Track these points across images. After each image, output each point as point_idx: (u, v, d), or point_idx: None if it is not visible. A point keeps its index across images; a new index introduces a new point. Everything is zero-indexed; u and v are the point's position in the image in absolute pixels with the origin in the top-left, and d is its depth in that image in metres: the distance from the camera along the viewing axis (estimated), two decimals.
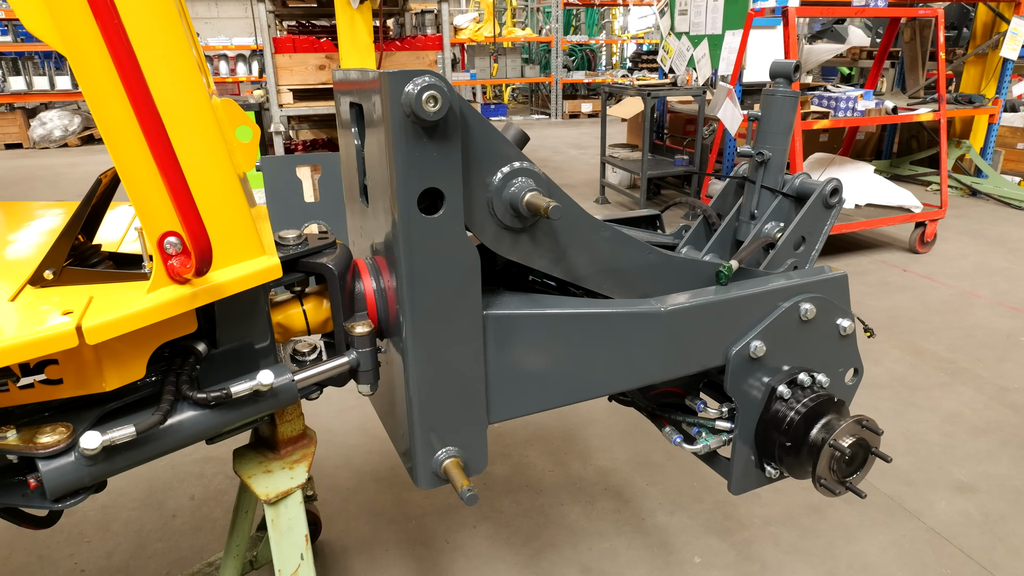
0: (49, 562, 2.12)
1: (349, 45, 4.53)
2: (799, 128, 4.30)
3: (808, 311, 1.44)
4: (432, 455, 1.29)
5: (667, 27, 6.09)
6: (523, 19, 15.13)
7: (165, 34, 0.93)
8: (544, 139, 10.83)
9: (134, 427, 1.00)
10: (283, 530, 1.21)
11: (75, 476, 0.98)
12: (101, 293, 1.01)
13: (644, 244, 1.45)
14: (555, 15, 12.30)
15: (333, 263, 1.29)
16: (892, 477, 2.45)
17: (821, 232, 1.75)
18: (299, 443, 1.34)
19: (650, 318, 1.32)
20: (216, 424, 1.11)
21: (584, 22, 15.30)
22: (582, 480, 2.44)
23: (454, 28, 11.88)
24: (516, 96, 16.18)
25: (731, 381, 1.43)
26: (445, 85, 1.07)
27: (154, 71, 0.91)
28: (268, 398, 1.16)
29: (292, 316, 1.33)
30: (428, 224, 1.13)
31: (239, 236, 1.08)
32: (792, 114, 1.75)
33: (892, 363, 3.35)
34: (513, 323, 1.28)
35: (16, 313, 0.95)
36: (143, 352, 1.05)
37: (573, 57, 14.46)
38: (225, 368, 1.19)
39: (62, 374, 1.00)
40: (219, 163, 1.03)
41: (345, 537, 2.18)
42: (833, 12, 4.73)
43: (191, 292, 1.01)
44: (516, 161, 1.22)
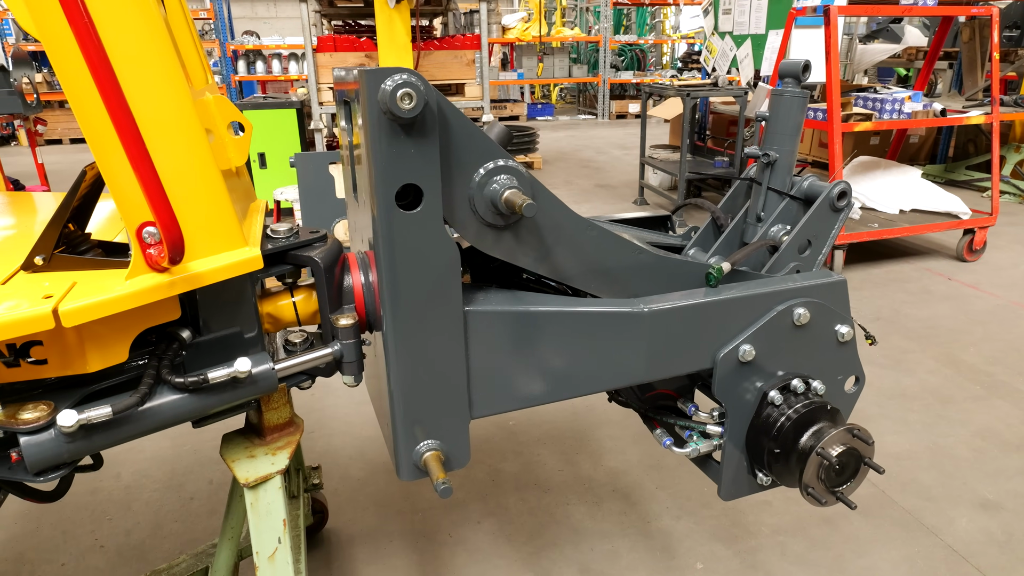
0: (72, 536, 2.23)
1: (387, 44, 4.61)
2: (839, 130, 4.17)
3: (802, 316, 1.41)
4: (413, 447, 1.31)
5: (711, 27, 5.98)
6: (573, 19, 15.08)
7: (139, 31, 0.97)
8: (589, 139, 10.77)
9: (111, 407, 1.04)
10: (262, 514, 1.25)
11: (54, 452, 1.04)
12: (85, 279, 1.06)
13: (633, 244, 1.43)
14: (604, 15, 12.22)
15: (321, 256, 1.32)
16: (912, 491, 2.36)
17: (828, 236, 1.70)
18: (285, 430, 1.37)
19: (632, 318, 1.31)
20: (195, 408, 1.16)
21: (635, 22, 15.15)
22: (591, 480, 2.43)
23: (502, 28, 11.92)
24: (564, 96, 16.14)
25: (719, 384, 1.40)
26: (421, 83, 1.08)
27: (127, 67, 0.96)
28: (247, 385, 1.20)
29: (282, 307, 1.37)
30: (407, 220, 1.15)
31: (219, 227, 1.12)
32: (801, 115, 1.70)
33: (926, 374, 3.22)
34: (494, 320, 1.29)
35: (2, 295, 1.01)
36: (125, 336, 1.10)
37: (623, 57, 14.33)
38: (212, 355, 1.23)
39: (47, 355, 1.06)
40: (198, 157, 1.07)
41: (352, 526, 2.23)
42: (878, 11, 4.56)
43: (169, 280, 1.05)
44: (498, 159, 1.23)
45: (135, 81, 0.98)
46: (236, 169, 1.31)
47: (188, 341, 1.20)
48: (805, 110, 1.71)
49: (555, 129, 12.05)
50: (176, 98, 1.03)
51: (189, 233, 1.08)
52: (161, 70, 1.01)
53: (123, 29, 0.96)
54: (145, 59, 0.99)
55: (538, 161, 8.36)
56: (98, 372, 1.13)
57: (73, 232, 1.20)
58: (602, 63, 12.43)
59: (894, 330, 3.73)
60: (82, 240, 1.22)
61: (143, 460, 2.62)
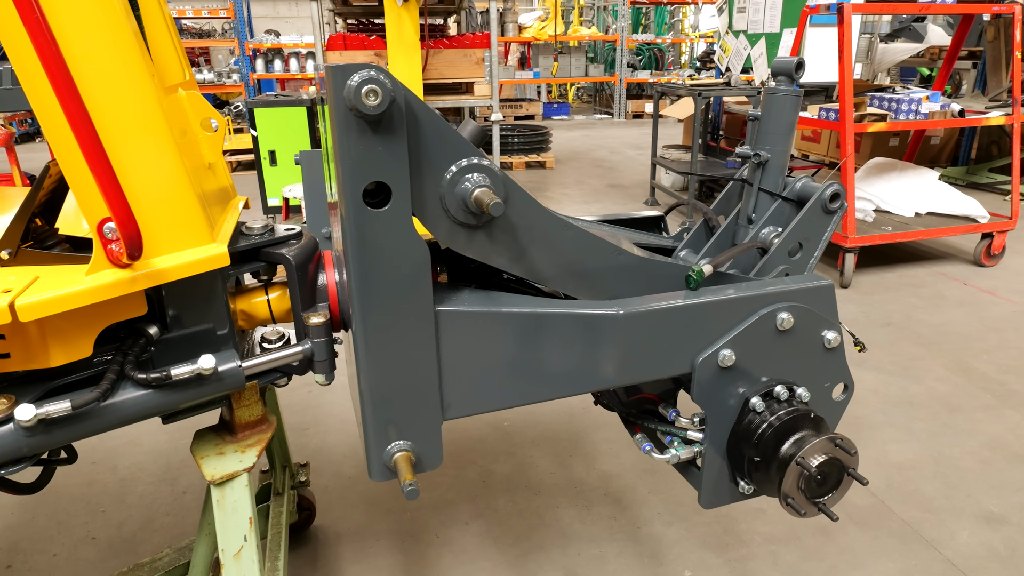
0: (66, 527, 2.25)
1: (396, 43, 4.61)
2: (851, 131, 4.09)
3: (785, 320, 1.37)
4: (384, 447, 1.30)
5: (725, 25, 5.91)
6: (590, 18, 15.01)
7: (96, 26, 0.97)
8: (604, 139, 10.71)
9: (70, 403, 1.04)
10: (228, 511, 1.24)
11: (13, 445, 1.04)
12: (48, 273, 1.06)
13: (612, 246, 1.40)
14: (622, 13, 12.14)
15: (293, 253, 1.32)
16: (913, 502, 2.30)
17: (820, 239, 1.65)
18: (257, 428, 1.37)
19: (605, 321, 1.29)
20: (159, 404, 1.15)
21: (653, 21, 15.04)
22: (583, 484, 2.40)
23: (519, 27, 11.89)
24: (580, 95, 16.07)
25: (697, 390, 1.37)
26: (387, 79, 1.07)
27: (84, 62, 0.95)
28: (213, 382, 1.19)
29: (256, 304, 1.37)
30: (375, 218, 1.13)
31: (184, 224, 1.11)
32: (793, 114, 1.66)
33: (935, 381, 3.14)
34: (466, 320, 1.27)
35: None
36: (89, 332, 1.10)
37: (640, 56, 14.23)
38: (181, 351, 1.23)
39: (9, 348, 1.06)
40: (161, 153, 1.06)
41: (340, 524, 2.23)
42: (894, 9, 4.46)
43: (130, 276, 1.05)
44: (470, 157, 1.21)
45: (93, 77, 0.97)
46: (210, 165, 1.31)
47: (156, 337, 1.19)
48: (798, 109, 1.66)
49: (570, 128, 12.00)
50: (137, 94, 1.02)
51: (151, 229, 1.08)
52: (121, 66, 1.00)
53: (79, 24, 0.96)
54: (103, 55, 0.98)
55: (550, 160, 8.32)
56: (64, 367, 1.13)
57: (40, 227, 1.20)
58: (619, 62, 12.35)
59: (904, 336, 3.64)
60: (49, 235, 1.22)
61: (140, 454, 2.64)
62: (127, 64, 1.01)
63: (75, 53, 0.96)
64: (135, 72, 1.02)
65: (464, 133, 1.25)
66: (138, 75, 1.02)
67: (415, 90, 4.78)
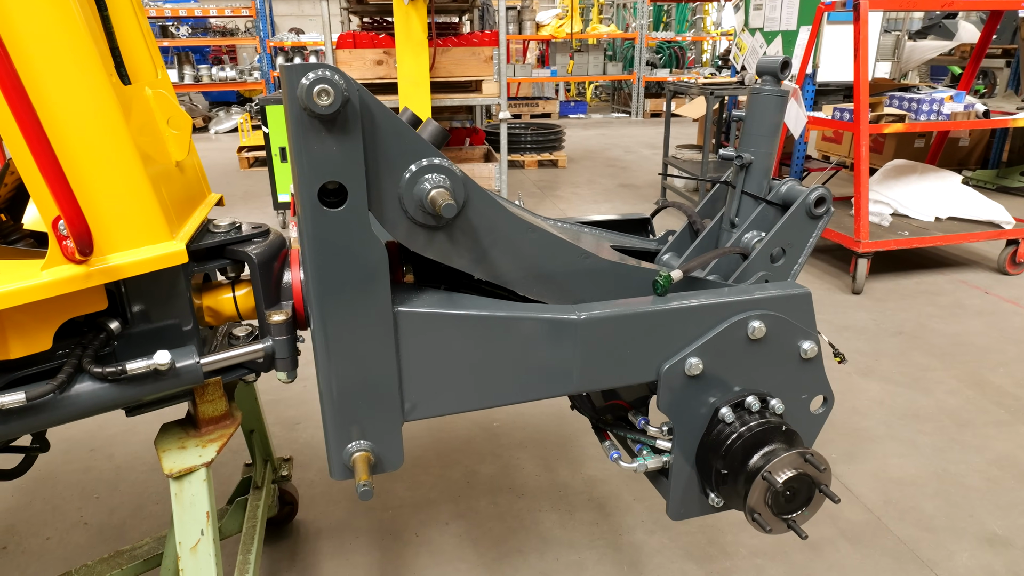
0: (60, 512, 2.29)
1: (404, 41, 4.61)
2: (866, 132, 4.00)
3: (756, 329, 1.33)
4: (343, 447, 1.30)
5: (741, 22, 5.82)
6: (610, 16, 14.90)
7: (46, 26, 0.97)
8: (619, 138, 10.63)
9: (24, 394, 1.05)
10: (185, 505, 1.25)
11: None
12: (7, 268, 1.07)
13: (578, 249, 1.38)
14: (641, 11, 12.03)
15: (256, 251, 1.32)
16: (911, 519, 2.24)
17: (805, 245, 1.62)
18: (220, 423, 1.37)
19: (563, 325, 1.27)
20: (116, 398, 1.16)
21: (675, 18, 14.88)
22: (567, 488, 2.38)
23: (536, 24, 11.85)
24: (599, 94, 15.97)
25: (663, 398, 1.34)
26: (340, 78, 1.05)
27: (36, 65, 0.96)
28: (170, 377, 1.20)
29: (222, 301, 1.37)
30: (330, 218, 1.13)
31: (140, 221, 1.12)
32: (779, 115, 1.62)
33: (945, 394, 3.06)
34: (425, 321, 1.26)
35: None
36: (48, 325, 1.11)
37: (660, 54, 14.10)
38: (144, 346, 1.23)
39: None
40: (116, 152, 1.07)
41: (321, 519, 2.23)
42: (913, 5, 4.35)
43: (85, 272, 1.06)
44: (429, 157, 1.19)
45: (46, 78, 0.98)
46: (178, 163, 1.31)
47: (117, 332, 1.20)
48: (784, 110, 1.63)
49: (586, 127, 11.93)
50: (91, 95, 1.02)
51: (106, 226, 1.08)
52: (74, 68, 1.00)
53: (31, 25, 0.96)
54: (56, 56, 0.98)
55: (563, 159, 8.28)
56: (28, 359, 1.14)
57: (5, 222, 1.21)
58: (637, 60, 12.24)
59: (916, 345, 3.55)
60: (14, 230, 1.23)
61: (137, 443, 2.67)
62: (81, 65, 1.01)
63: (27, 55, 0.96)
64: (89, 73, 1.02)
65: (424, 133, 1.24)
66: (92, 76, 1.03)
67: (422, 88, 4.79)
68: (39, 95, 0.98)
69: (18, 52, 0.95)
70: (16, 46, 0.95)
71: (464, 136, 6.78)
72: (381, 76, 5.08)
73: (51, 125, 1.00)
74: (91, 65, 1.02)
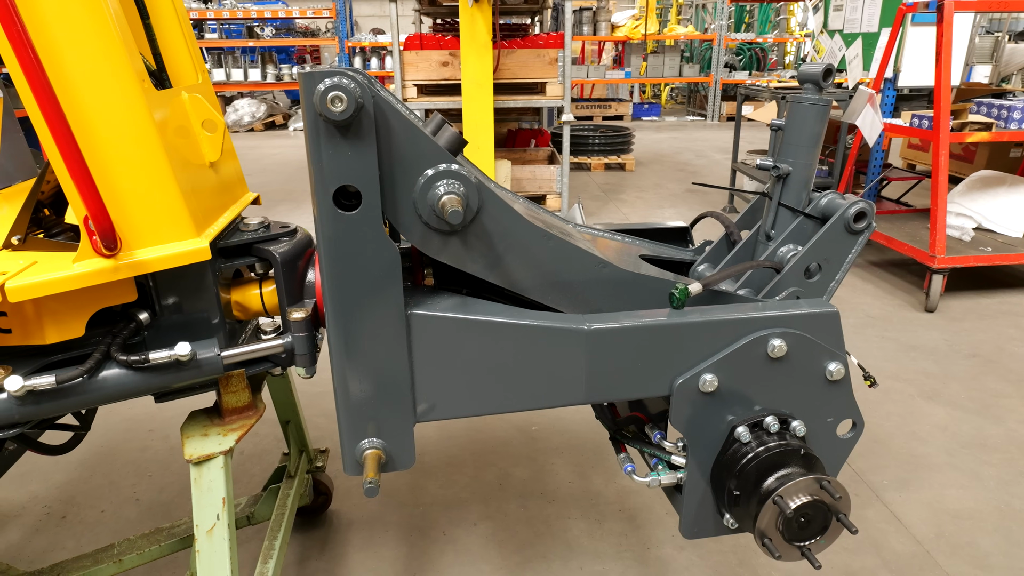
0: (116, 488, 2.45)
1: (469, 42, 4.67)
2: (946, 141, 3.76)
3: (777, 347, 1.28)
4: (356, 444, 1.33)
5: (819, 24, 5.58)
6: (688, 16, 14.57)
7: (82, 39, 1.04)
8: (692, 142, 10.39)
9: (55, 377, 1.14)
10: (203, 490, 1.31)
11: (6, 412, 1.14)
12: (46, 259, 1.16)
13: (596, 258, 1.36)
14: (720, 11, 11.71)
15: (280, 250, 1.37)
16: (964, 555, 2.10)
17: (843, 261, 1.54)
18: (244, 413, 1.43)
19: (571, 335, 1.25)
20: (141, 385, 1.23)
21: (757, 18, 14.41)
22: (599, 497, 2.35)
23: (611, 25, 11.74)
24: (675, 96, 15.66)
25: (675, 413, 1.31)
26: (356, 85, 1.08)
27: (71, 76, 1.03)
28: (191, 368, 1.26)
29: (249, 296, 1.43)
30: (345, 221, 1.16)
31: (166, 219, 1.18)
32: (820, 124, 1.55)
33: (1017, 423, 2.84)
34: (437, 324, 1.27)
35: None
36: (80, 314, 1.19)
37: (741, 56, 13.68)
38: (173, 337, 1.30)
39: (11, 325, 1.17)
40: (146, 156, 1.13)
41: (354, 511, 2.29)
42: (1002, 6, 4.05)
43: (113, 265, 1.13)
44: (443, 163, 1.21)
45: (79, 87, 1.05)
46: (212, 164, 1.38)
47: (146, 323, 1.28)
48: (825, 119, 1.56)
49: (659, 130, 11.72)
50: (122, 101, 1.09)
51: (134, 223, 1.15)
52: (107, 77, 1.07)
53: (66, 39, 1.03)
54: (90, 68, 1.05)
55: (630, 163, 8.17)
56: (63, 345, 1.23)
57: (49, 217, 1.31)
58: (715, 62, 11.93)
59: (991, 370, 3.31)
60: (56, 224, 1.33)
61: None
62: (114, 76, 1.08)
63: (65, 67, 1.04)
64: (121, 83, 1.09)
65: (441, 140, 1.26)
66: (124, 85, 1.09)
67: (485, 90, 4.83)
68: (74, 103, 1.05)
69: (56, 65, 1.03)
70: (54, 60, 1.03)
71: (529, 138, 6.80)
72: (446, 77, 5.16)
73: (84, 131, 1.07)
74: (124, 75, 1.09)
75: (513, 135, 6.82)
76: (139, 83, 1.12)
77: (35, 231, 1.27)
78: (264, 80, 10.58)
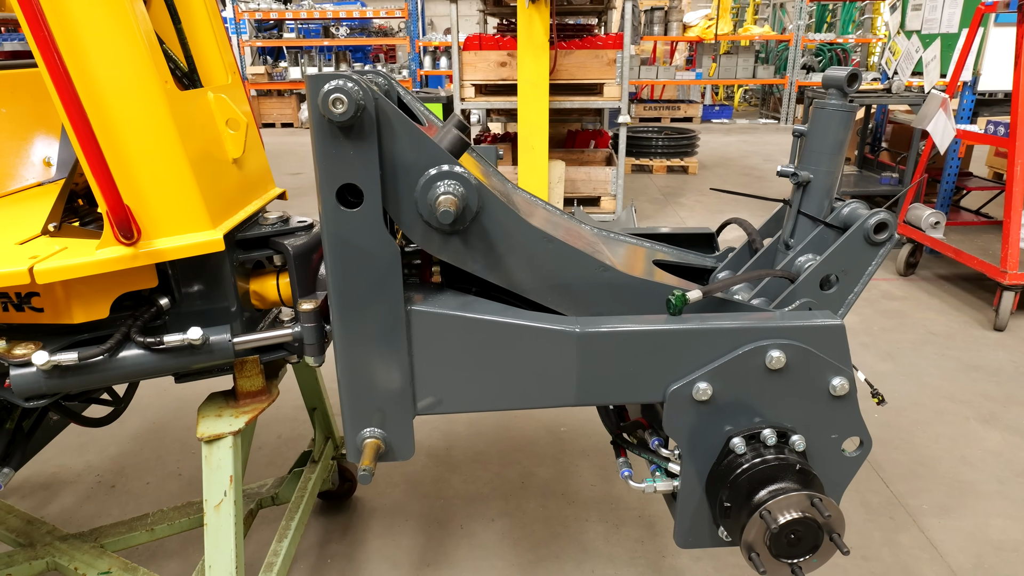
0: (162, 462, 2.61)
1: (526, 43, 4.70)
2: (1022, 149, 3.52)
3: (776, 359, 1.25)
4: (357, 432, 1.38)
5: (896, 24, 5.32)
6: (765, 16, 14.11)
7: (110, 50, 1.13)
8: (762, 146, 10.08)
9: (77, 354, 1.24)
10: (213, 467, 1.39)
11: (35, 384, 1.25)
12: (75, 245, 1.26)
13: (597, 261, 1.37)
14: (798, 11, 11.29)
15: (294, 244, 1.43)
16: None
17: (862, 274, 1.49)
18: (257, 397, 1.51)
19: (561, 337, 1.26)
20: (157, 366, 1.32)
21: (840, 18, 13.81)
22: (619, 502, 2.34)
23: (683, 26, 11.51)
24: (748, 98, 15.20)
25: (668, 421, 1.30)
26: (358, 88, 1.13)
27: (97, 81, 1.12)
28: (204, 352, 1.34)
29: (267, 287, 1.51)
30: (347, 217, 1.21)
31: (183, 211, 1.26)
32: (844, 131, 1.50)
33: None
34: (436, 321, 1.31)
35: (10, 252, 1.24)
36: (105, 297, 1.29)
37: (820, 57, 13.14)
38: (191, 323, 1.39)
39: (43, 304, 1.28)
40: (164, 154, 1.21)
41: (378, 499, 2.36)
42: None
43: (132, 253, 1.22)
44: (444, 164, 1.24)
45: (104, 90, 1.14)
46: (236, 160, 1.46)
47: (166, 308, 1.37)
48: (849, 126, 1.51)
49: (728, 133, 11.41)
50: (143, 103, 1.17)
51: (152, 215, 1.24)
52: (131, 82, 1.15)
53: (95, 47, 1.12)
54: (115, 73, 1.14)
55: (693, 166, 8.00)
56: (91, 325, 1.33)
57: (83, 206, 1.42)
58: (790, 64, 11.51)
59: None
60: (89, 212, 1.43)
61: None
62: (137, 80, 1.17)
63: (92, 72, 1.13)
64: (144, 86, 1.18)
65: (443, 143, 1.29)
66: (146, 88, 1.18)
67: (541, 90, 4.84)
68: (99, 105, 1.14)
69: (85, 73, 1.12)
70: (83, 69, 1.12)
71: (589, 139, 6.76)
72: (504, 78, 5.20)
73: (108, 130, 1.16)
74: (146, 78, 1.17)
75: (573, 136, 6.80)
76: (161, 85, 1.20)
77: (71, 220, 1.38)
78: None
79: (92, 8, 1.12)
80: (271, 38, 12.09)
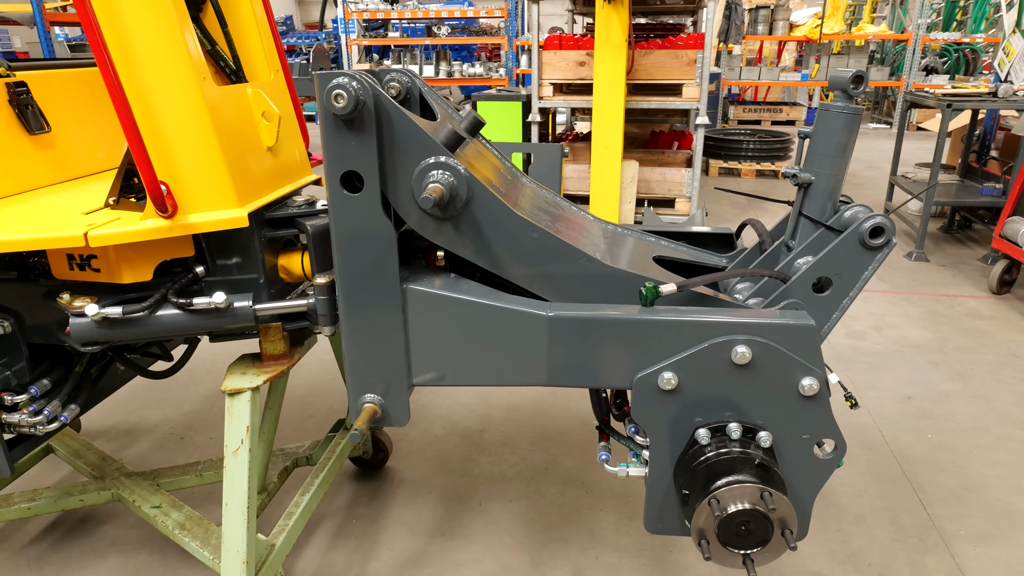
0: (202, 430, 2.89)
1: (603, 43, 4.73)
2: None
3: (741, 354, 1.28)
4: (358, 397, 1.53)
5: (1012, 23, 4.91)
6: (883, 14, 13.24)
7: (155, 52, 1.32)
8: (867, 152, 9.53)
9: (121, 308, 1.45)
10: (233, 417, 1.58)
11: (88, 332, 1.47)
12: (126, 216, 1.48)
13: (580, 253, 1.43)
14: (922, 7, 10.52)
15: (313, 223, 1.60)
16: None
17: (858, 278, 1.47)
18: (279, 360, 1.69)
19: (532, 320, 1.34)
20: (188, 325, 1.52)
21: (971, 16, 12.72)
22: (637, 496, 2.37)
23: (790, 24, 11.02)
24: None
25: (634, 407, 1.35)
26: (359, 85, 1.27)
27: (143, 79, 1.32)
28: (228, 315, 1.53)
29: (293, 262, 1.68)
30: (349, 201, 1.36)
31: (214, 191, 1.45)
32: (848, 134, 1.50)
33: None
34: (427, 299, 1.43)
35: (76, 220, 1.47)
36: (148, 262, 1.50)
37: (945, 59, 12.18)
38: (223, 290, 1.58)
39: (100, 266, 1.50)
40: (199, 140, 1.40)
41: (407, 471, 2.52)
42: None
43: (169, 224, 1.42)
44: (437, 156, 1.36)
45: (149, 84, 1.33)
46: (270, 148, 1.64)
47: (201, 276, 1.57)
48: (854, 129, 1.50)
49: None
50: (182, 97, 1.36)
51: (188, 193, 1.43)
52: (172, 78, 1.34)
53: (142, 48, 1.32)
54: (159, 71, 1.33)
55: None
56: (139, 286, 1.55)
57: (136, 183, 1.64)
58: (907, 65, 10.73)
59: None
60: (141, 188, 1.66)
61: (294, 381, 3.22)
62: (178, 77, 1.36)
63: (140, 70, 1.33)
64: (183, 82, 1.36)
65: (438, 137, 1.40)
66: (185, 84, 1.36)
67: (617, 90, 4.86)
68: (144, 96, 1.34)
69: (132, 69, 1.32)
70: (131, 67, 1.32)
71: (673, 140, 6.68)
72: (583, 77, 5.26)
73: (151, 118, 1.35)
74: (184, 73, 1.36)
75: (656, 136, 6.74)
76: (198, 82, 1.39)
77: (129, 195, 1.61)
78: (436, 76, 11.31)
79: (142, 17, 1.31)
80: (377, 37, 12.67)
